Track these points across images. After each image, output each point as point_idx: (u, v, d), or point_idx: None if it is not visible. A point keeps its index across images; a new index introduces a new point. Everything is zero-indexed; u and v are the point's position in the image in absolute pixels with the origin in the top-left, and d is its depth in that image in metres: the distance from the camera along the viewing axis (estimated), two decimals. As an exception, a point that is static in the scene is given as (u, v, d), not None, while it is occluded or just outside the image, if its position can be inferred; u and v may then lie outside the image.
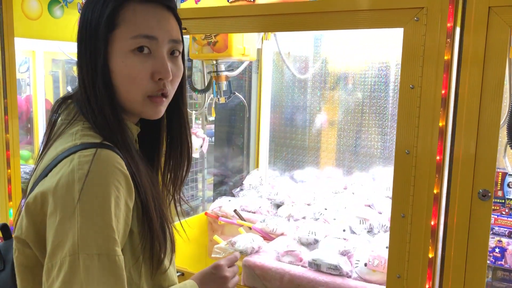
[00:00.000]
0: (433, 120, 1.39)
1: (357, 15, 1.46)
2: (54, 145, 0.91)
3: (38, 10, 2.49)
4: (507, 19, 1.27)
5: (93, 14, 0.92)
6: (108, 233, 0.79)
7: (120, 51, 0.91)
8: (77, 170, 0.80)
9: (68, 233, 0.77)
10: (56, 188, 0.80)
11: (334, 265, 1.72)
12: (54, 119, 0.97)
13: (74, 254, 0.76)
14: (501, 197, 2.12)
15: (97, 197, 0.80)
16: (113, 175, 0.82)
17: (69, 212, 0.78)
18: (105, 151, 0.84)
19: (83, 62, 0.94)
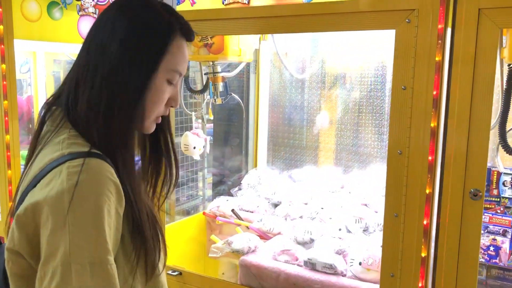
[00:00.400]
0: (425, 121, 1.41)
1: (350, 17, 1.48)
2: (40, 155, 0.91)
3: (37, 12, 2.51)
4: (497, 21, 1.28)
5: (143, 36, 0.94)
6: (100, 242, 0.81)
7: (161, 77, 0.96)
8: (66, 180, 0.81)
9: (60, 242, 0.78)
10: (46, 199, 0.81)
11: (329, 264, 1.74)
12: (40, 128, 0.97)
13: (66, 263, 0.77)
14: (496, 196, 2.14)
15: (88, 206, 0.81)
16: (103, 184, 0.84)
17: (60, 222, 0.79)
18: (93, 160, 0.85)
19: (117, 78, 0.93)
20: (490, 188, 2.15)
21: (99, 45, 0.95)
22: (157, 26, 0.96)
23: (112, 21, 0.95)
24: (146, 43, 0.95)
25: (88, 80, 0.93)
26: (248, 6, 1.64)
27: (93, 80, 0.93)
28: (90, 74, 0.94)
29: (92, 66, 0.94)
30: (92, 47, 0.96)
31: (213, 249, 2.05)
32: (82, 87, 0.93)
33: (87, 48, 0.97)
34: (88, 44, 0.97)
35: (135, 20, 0.95)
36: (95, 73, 0.93)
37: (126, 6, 0.98)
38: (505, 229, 1.89)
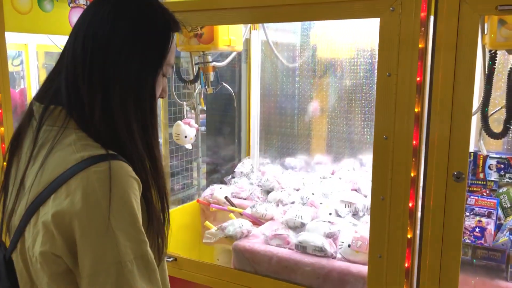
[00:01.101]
0: (409, 107, 1.45)
1: (335, 6, 1.52)
2: (53, 157, 0.91)
3: (28, 5, 2.51)
4: (477, 8, 1.32)
5: (146, 37, 0.96)
6: (139, 237, 0.88)
7: (161, 73, 1.00)
8: (98, 187, 0.85)
9: (106, 246, 0.84)
10: (83, 208, 0.84)
11: (319, 247, 1.80)
12: (39, 128, 0.95)
13: (117, 263, 0.84)
14: (482, 179, 2.19)
15: (125, 209, 0.86)
16: (131, 184, 0.88)
17: (103, 228, 0.84)
18: (115, 162, 0.88)
19: (122, 78, 0.94)
20: (477, 172, 2.20)
21: (99, 41, 0.93)
22: (160, 25, 0.98)
23: (112, 16, 0.94)
24: (153, 42, 0.97)
25: (92, 79, 0.92)
26: (238, -4, 1.66)
27: (96, 79, 0.92)
28: (93, 72, 0.92)
29: (95, 64, 0.92)
30: (88, 42, 0.93)
31: (207, 235, 2.10)
32: (86, 86, 0.92)
33: (82, 43, 0.94)
34: (82, 38, 0.94)
35: (139, 17, 0.96)
36: (100, 72, 0.92)
37: (123, 1, 0.97)
38: (490, 211, 1.94)
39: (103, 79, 0.93)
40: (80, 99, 0.93)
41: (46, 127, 0.95)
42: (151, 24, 0.98)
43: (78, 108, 0.93)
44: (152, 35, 0.98)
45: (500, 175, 2.14)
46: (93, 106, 0.92)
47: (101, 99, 0.92)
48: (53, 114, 0.95)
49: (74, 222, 0.85)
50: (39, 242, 0.87)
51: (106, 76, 0.93)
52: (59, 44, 3.12)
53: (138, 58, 0.95)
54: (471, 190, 2.16)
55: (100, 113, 0.92)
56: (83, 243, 0.85)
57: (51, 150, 0.91)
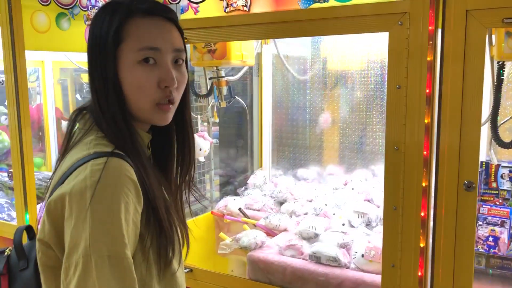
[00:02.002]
0: (419, 118, 1.47)
1: (345, 21, 1.55)
2: (70, 154, 0.97)
3: (46, 23, 2.59)
4: (483, 21, 1.35)
5: (101, 30, 0.99)
6: (118, 236, 0.85)
7: (128, 63, 0.97)
8: (89, 177, 0.87)
9: (81, 236, 0.83)
10: (70, 193, 0.87)
11: (333, 257, 1.82)
12: (71, 129, 1.03)
13: (87, 255, 0.82)
14: (495, 188, 2.20)
15: (107, 202, 0.86)
16: (122, 182, 0.88)
17: (82, 216, 0.84)
18: (115, 159, 0.90)
19: (94, 75, 1.00)
20: (489, 181, 2.21)
21: (88, 53, 1.03)
22: (103, 17, 0.99)
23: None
24: (97, 38, 0.99)
25: (90, 88, 1.02)
26: (249, 13, 1.71)
27: (90, 88, 1.01)
28: (89, 82, 1.03)
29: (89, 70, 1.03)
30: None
31: (222, 246, 2.13)
32: (91, 94, 1.02)
33: None
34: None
35: (93, 22, 1.01)
36: (90, 79, 1.02)
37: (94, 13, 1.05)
38: (503, 220, 1.95)
39: (92, 88, 1.01)
40: (95, 105, 1.01)
41: (77, 129, 1.01)
42: (96, 20, 1.01)
43: (95, 112, 1.01)
44: (96, 31, 1.00)
45: (512, 184, 2.15)
46: (97, 109, 1.00)
47: (98, 103, 0.99)
48: (84, 118, 1.02)
49: (63, 206, 0.88)
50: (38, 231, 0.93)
51: (91, 82, 1.01)
52: (75, 60, 3.21)
53: (92, 60, 1.00)
54: (484, 200, 2.17)
55: (100, 117, 0.99)
56: (66, 228, 0.87)
57: (72, 149, 0.97)
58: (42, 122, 3.58)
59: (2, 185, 3.10)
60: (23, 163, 2.38)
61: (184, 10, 1.88)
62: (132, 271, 0.86)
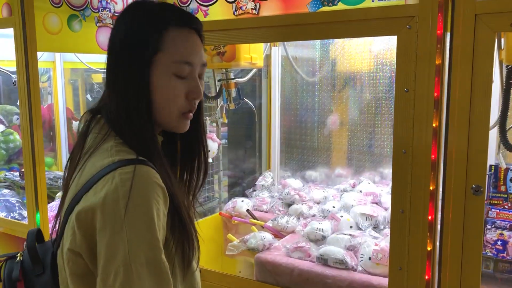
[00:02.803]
0: (427, 121, 1.48)
1: (354, 25, 1.56)
2: (90, 161, 0.97)
3: (58, 25, 2.63)
4: (492, 25, 1.35)
5: (133, 37, 0.99)
6: (154, 242, 0.88)
7: (163, 73, 1.00)
8: (120, 186, 0.88)
9: (119, 245, 0.86)
10: (103, 205, 0.88)
11: (340, 259, 1.82)
12: (85, 134, 1.04)
13: (127, 264, 0.85)
14: (504, 192, 2.19)
15: (141, 211, 0.88)
16: (152, 189, 0.91)
17: (117, 226, 0.86)
18: (142, 166, 0.92)
19: (120, 81, 1.00)
20: (498, 185, 2.20)
21: (108, 53, 1.03)
22: (144, 26, 1.00)
23: (113, 32, 1.04)
24: (135, 46, 0.99)
25: (111, 91, 1.02)
26: (258, 16, 1.72)
27: (112, 91, 1.02)
28: (110, 85, 1.03)
29: (108, 74, 1.03)
30: (107, 56, 1.04)
31: (230, 247, 2.14)
32: (112, 98, 1.02)
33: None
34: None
35: (125, 27, 1.02)
36: (110, 84, 1.03)
37: (120, 16, 1.05)
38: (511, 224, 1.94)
39: (115, 92, 1.01)
40: (112, 110, 1.01)
41: (92, 134, 1.02)
42: (133, 28, 1.01)
43: (112, 118, 1.01)
44: (135, 39, 1.00)
45: (522, 188, 2.14)
46: (116, 117, 1.00)
47: (123, 108, 1.00)
48: (99, 123, 1.03)
49: (95, 218, 0.89)
50: (67, 240, 0.93)
51: (114, 89, 1.01)
52: (86, 61, 3.24)
53: (126, 66, 1.00)
54: (493, 203, 2.16)
55: (121, 122, 0.99)
56: (100, 239, 0.88)
57: (90, 155, 0.98)
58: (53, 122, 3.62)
59: (14, 184, 3.14)
60: (35, 163, 2.41)
61: (194, 13, 1.90)
62: (168, 274, 0.90)
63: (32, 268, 1.04)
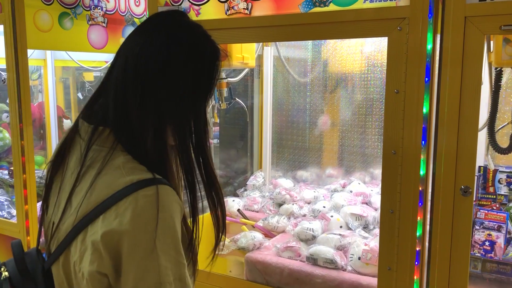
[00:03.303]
0: (417, 122, 1.49)
1: (345, 26, 1.57)
2: (102, 179, 0.94)
3: (49, 23, 2.61)
4: (482, 27, 1.37)
5: (200, 64, 0.99)
6: (179, 260, 0.92)
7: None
8: (147, 210, 0.89)
9: (150, 268, 0.88)
10: (133, 229, 0.88)
11: (330, 259, 1.83)
12: (87, 147, 0.98)
13: (157, 283, 0.88)
14: (492, 193, 2.21)
15: (169, 233, 0.91)
16: (176, 210, 0.93)
17: (148, 250, 0.88)
18: (163, 187, 0.92)
19: (170, 101, 0.97)
20: (487, 186, 2.23)
21: (152, 67, 0.95)
22: (209, 53, 1.02)
23: (166, 44, 0.97)
24: (204, 69, 1.00)
25: (144, 104, 0.95)
26: (250, 16, 1.73)
27: (148, 105, 0.95)
28: (145, 98, 0.95)
29: (147, 89, 0.95)
30: (141, 68, 0.95)
31: (220, 247, 2.14)
32: (137, 111, 0.95)
33: (134, 67, 0.96)
34: (134, 63, 0.96)
35: (191, 45, 0.99)
36: (152, 98, 0.95)
37: (176, 28, 1.00)
38: (499, 225, 1.96)
39: (155, 106, 0.96)
40: (130, 123, 0.96)
41: (95, 146, 0.98)
42: (202, 52, 1.01)
43: (127, 132, 0.97)
44: (204, 63, 1.00)
45: (510, 189, 2.16)
46: (145, 132, 0.96)
47: (153, 126, 0.96)
48: (102, 136, 0.98)
49: (122, 241, 0.89)
50: (87, 261, 0.91)
51: (159, 103, 0.96)
52: (77, 59, 3.23)
53: (191, 85, 0.98)
54: (481, 204, 2.18)
55: (152, 140, 0.96)
56: (128, 262, 0.89)
57: (100, 171, 0.95)
58: (43, 120, 3.60)
59: (3, 182, 3.11)
60: (24, 161, 2.39)
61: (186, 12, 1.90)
62: (191, 285, 0.95)
63: (22, 285, 1.00)
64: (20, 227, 2.43)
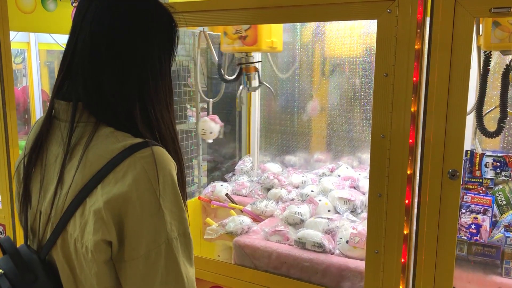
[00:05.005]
0: (406, 106, 1.48)
1: (334, 8, 1.55)
2: (92, 150, 0.93)
3: (31, 4, 2.55)
4: (471, 10, 1.36)
5: (163, 29, 1.02)
6: (182, 215, 0.94)
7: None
8: (147, 170, 0.90)
9: (158, 226, 0.90)
10: (137, 190, 0.89)
11: (318, 243, 1.84)
12: (72, 123, 0.96)
13: (166, 240, 0.91)
14: (478, 177, 2.23)
15: (170, 190, 0.92)
16: (172, 167, 0.94)
17: (154, 209, 0.90)
18: (156, 148, 0.93)
19: (138, 66, 0.97)
20: (473, 170, 2.24)
21: (114, 35, 0.95)
22: (166, 16, 1.03)
23: (121, 12, 0.96)
24: (166, 30, 1.02)
25: (122, 77, 0.95)
26: (239, -3, 1.70)
27: (128, 77, 0.95)
28: (115, 66, 0.95)
29: (116, 63, 0.95)
30: (102, 38, 0.94)
31: (208, 231, 2.13)
32: (117, 85, 0.95)
33: (99, 38, 0.95)
34: (96, 34, 0.95)
35: (151, 12, 1.00)
36: (121, 65, 0.95)
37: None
38: (485, 208, 1.98)
39: (136, 79, 0.97)
40: (108, 97, 0.95)
41: (80, 124, 0.97)
42: (162, 14, 1.02)
43: (106, 105, 0.96)
44: (165, 25, 1.03)
45: (496, 173, 2.18)
46: (130, 103, 0.96)
47: (138, 99, 0.97)
48: (84, 113, 0.97)
49: (127, 205, 0.89)
50: (90, 231, 0.90)
51: (137, 74, 0.97)
52: (62, 42, 3.16)
53: (156, 46, 1.00)
54: (468, 188, 2.20)
55: (139, 111, 0.97)
56: (136, 224, 0.90)
57: (89, 143, 0.94)
58: (28, 105, 3.54)
59: (-13, 168, 3.06)
60: (8, 146, 2.35)
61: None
62: (192, 240, 0.98)
63: (21, 278, 0.96)
64: (6, 213, 2.40)
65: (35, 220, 1.02)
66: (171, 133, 1.03)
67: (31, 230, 1.04)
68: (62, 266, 0.97)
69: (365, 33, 2.50)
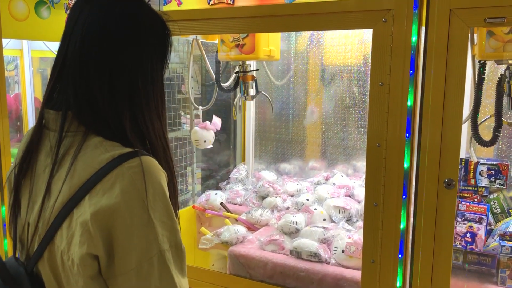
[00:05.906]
0: (401, 115, 1.48)
1: (330, 17, 1.55)
2: (80, 160, 0.92)
3: (25, 11, 2.53)
4: (466, 20, 1.37)
5: (154, 35, 1.00)
6: (173, 226, 0.92)
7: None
8: (135, 181, 0.88)
9: (149, 238, 0.88)
10: (125, 201, 0.87)
11: (313, 252, 1.82)
12: (61, 133, 0.95)
13: (158, 252, 0.89)
14: (473, 185, 2.23)
15: (160, 200, 0.90)
16: (161, 177, 0.92)
17: (144, 221, 0.87)
18: (145, 157, 0.91)
19: (132, 72, 0.96)
20: (468, 178, 2.24)
21: (105, 41, 0.93)
22: (159, 23, 1.02)
23: (113, 19, 0.95)
24: (158, 37, 1.01)
25: (112, 86, 0.94)
26: (233, 6, 1.70)
27: (113, 85, 0.94)
28: (113, 79, 0.94)
29: (107, 69, 0.93)
30: (91, 45, 0.93)
31: (203, 241, 2.12)
32: (108, 93, 0.94)
33: (88, 48, 0.93)
34: (89, 42, 0.93)
35: (143, 18, 0.98)
36: (115, 77, 0.94)
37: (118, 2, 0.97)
38: (480, 217, 1.98)
39: (128, 87, 0.95)
40: (99, 106, 0.94)
41: (69, 133, 0.95)
42: (155, 20, 1.01)
43: (97, 114, 0.94)
44: (158, 31, 1.01)
45: (490, 181, 2.18)
46: (120, 113, 0.95)
47: (128, 108, 0.95)
48: (74, 121, 0.95)
49: (115, 218, 0.87)
50: (76, 244, 0.88)
51: (118, 76, 0.94)
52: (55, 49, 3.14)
53: (148, 53, 0.98)
54: (463, 196, 2.20)
55: (129, 120, 0.95)
56: (126, 237, 0.87)
57: (78, 153, 0.92)
58: (20, 112, 3.51)
59: (-22, 176, 3.03)
60: (0, 154, 2.32)
61: (167, 2, 1.86)
62: (184, 250, 0.96)
63: None
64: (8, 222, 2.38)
65: (23, 231, 1.00)
66: (162, 142, 1.01)
67: (19, 241, 1.03)
68: (48, 278, 0.95)
69: (360, 42, 2.50)
